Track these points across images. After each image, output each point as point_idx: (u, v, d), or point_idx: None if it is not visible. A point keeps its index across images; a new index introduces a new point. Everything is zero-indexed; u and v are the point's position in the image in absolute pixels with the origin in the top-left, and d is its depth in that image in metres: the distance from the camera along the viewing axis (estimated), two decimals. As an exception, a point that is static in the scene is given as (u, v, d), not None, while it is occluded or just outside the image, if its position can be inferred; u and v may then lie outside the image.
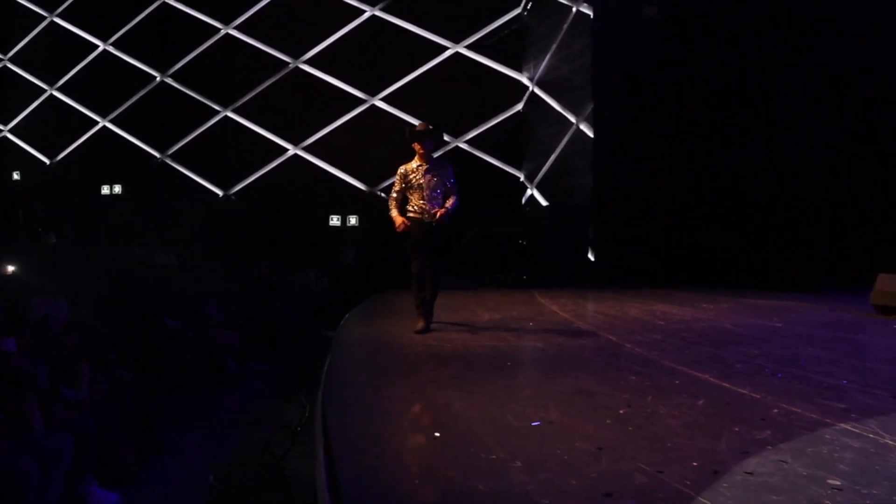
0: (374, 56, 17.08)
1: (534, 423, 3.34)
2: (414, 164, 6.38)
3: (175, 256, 15.60)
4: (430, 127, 6.46)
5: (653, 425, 3.38)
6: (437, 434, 3.12)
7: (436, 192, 6.30)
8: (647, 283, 11.55)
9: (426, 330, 6.23)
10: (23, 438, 4.31)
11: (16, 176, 20.95)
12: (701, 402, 3.84)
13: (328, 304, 13.63)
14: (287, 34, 17.82)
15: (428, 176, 6.31)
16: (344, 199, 17.54)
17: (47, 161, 20.36)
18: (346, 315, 8.80)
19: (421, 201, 6.29)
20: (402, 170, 6.41)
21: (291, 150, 17.83)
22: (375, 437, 3.17)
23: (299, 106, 17.63)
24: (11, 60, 20.92)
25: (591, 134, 13.18)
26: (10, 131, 20.89)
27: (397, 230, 6.35)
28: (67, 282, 9.54)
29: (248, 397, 8.41)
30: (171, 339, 8.16)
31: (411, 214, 6.31)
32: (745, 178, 11.78)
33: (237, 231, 17.36)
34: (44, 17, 20.50)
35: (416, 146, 6.31)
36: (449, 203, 6.30)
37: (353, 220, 17.66)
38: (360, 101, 17.27)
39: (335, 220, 17.68)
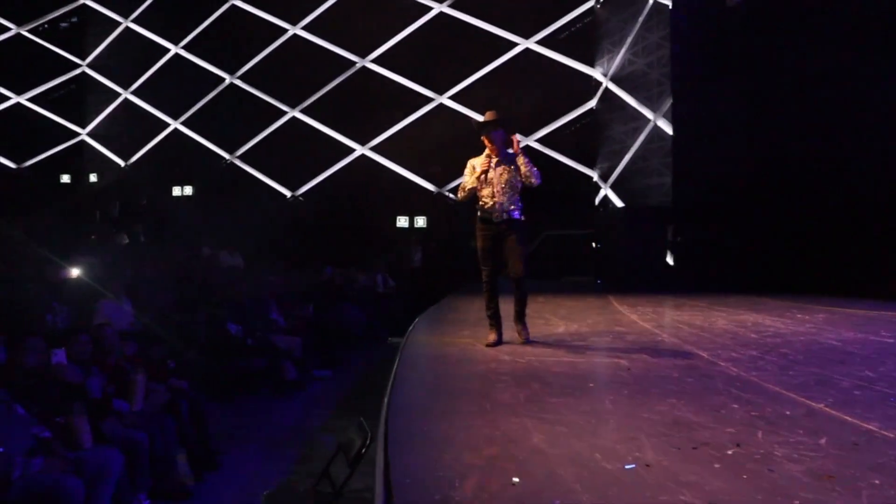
0: (441, 54, 16.72)
1: (627, 466, 2.84)
2: (483, 157, 5.81)
3: (241, 257, 15.57)
4: (498, 116, 5.84)
5: (770, 472, 2.83)
6: (515, 480, 2.66)
7: (508, 187, 5.69)
8: (731, 290, 10.80)
9: (498, 342, 5.72)
10: (69, 455, 4.04)
11: (93, 178, 21.45)
12: (823, 440, 3.26)
13: (395, 307, 13.32)
14: (354, 33, 17.64)
15: (499, 169, 5.72)
16: (411, 199, 17.25)
17: (122, 163, 20.74)
18: (414, 321, 8.42)
19: (491, 199, 5.70)
20: (471, 163, 5.85)
21: (358, 150, 17.63)
22: (442, 475, 2.73)
23: (366, 105, 17.42)
24: (89, 66, 21.40)
25: (669, 131, 12.48)
26: (88, 135, 21.37)
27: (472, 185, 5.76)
28: (134, 283, 9.46)
29: (308, 405, 8.11)
30: (233, 346, 7.93)
31: (480, 214, 5.77)
32: (836, 176, 10.84)
33: (304, 232, 17.27)
34: (119, 23, 20.90)
35: (485, 139, 5.73)
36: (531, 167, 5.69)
37: (420, 222, 17.34)
38: (428, 100, 16.93)
39: (402, 222, 17.40)
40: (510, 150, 5.78)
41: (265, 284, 9.61)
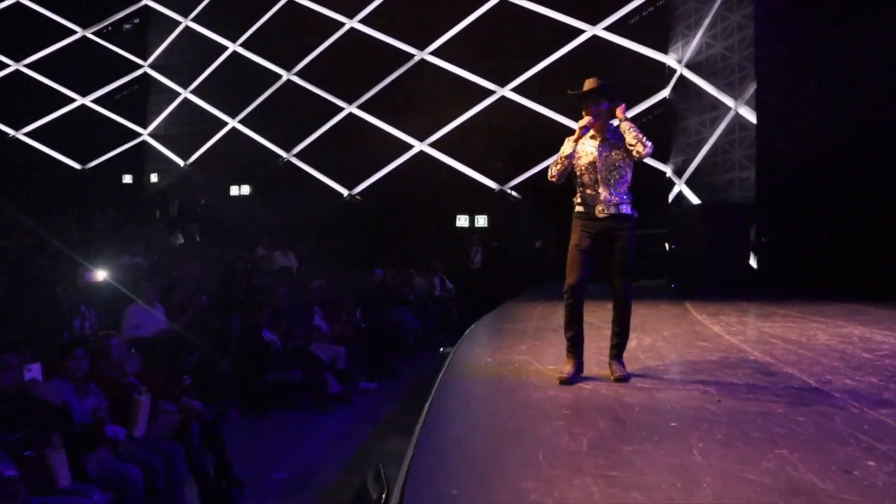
0: (503, 44, 15.82)
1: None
2: (587, 136, 4.58)
3: (295, 257, 15.06)
4: (601, 83, 4.52)
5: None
6: None
7: (617, 173, 4.47)
8: (826, 297, 9.60)
9: (575, 378, 4.41)
10: (32, 501, 3.38)
11: (154, 178, 21.42)
12: None
13: (453, 311, 12.55)
14: (411, 25, 16.93)
15: (604, 151, 4.48)
16: (472, 197, 16.40)
17: (182, 163, 20.60)
18: (466, 331, 7.61)
19: (591, 190, 4.50)
20: (568, 141, 4.60)
21: (417, 146, 16.92)
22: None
23: (425, 100, 16.66)
24: (151, 66, 21.38)
25: (753, 120, 11.30)
26: (149, 135, 21.34)
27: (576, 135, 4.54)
28: (174, 284, 8.95)
29: (349, 423, 7.40)
30: (268, 355, 7.27)
31: (578, 209, 4.55)
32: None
33: (361, 231, 16.68)
34: (179, 23, 20.78)
35: (585, 112, 4.51)
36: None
37: (481, 221, 16.50)
38: (490, 93, 16.09)
39: (462, 221, 16.59)
40: (615, 124, 4.58)
41: (311, 288, 8.92)
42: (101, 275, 7.67)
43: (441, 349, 9.05)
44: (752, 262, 11.31)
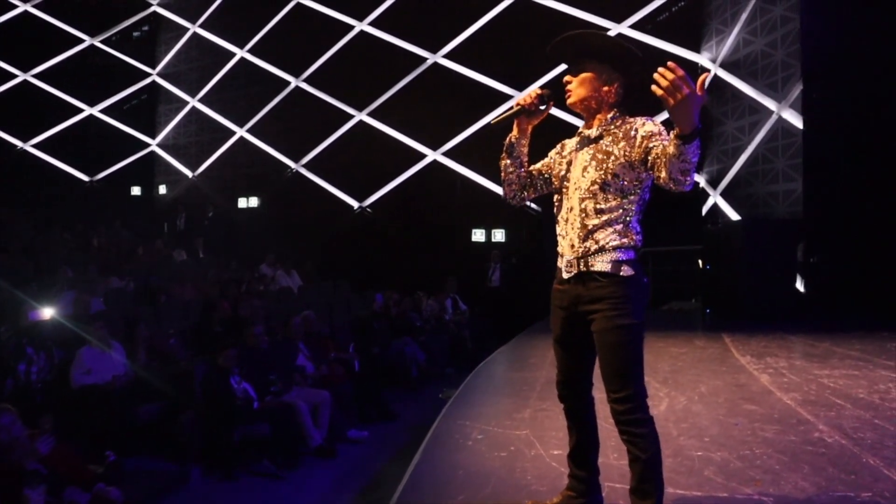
0: (520, 45, 14.67)
1: None
2: (575, 138, 2.89)
3: (298, 276, 14.12)
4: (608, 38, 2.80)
5: None
6: None
7: (597, 199, 2.66)
8: (885, 327, 8.35)
9: None
10: None
11: (162, 190, 20.70)
12: None
13: (466, 337, 11.49)
14: (424, 27, 15.89)
15: (583, 156, 2.75)
16: (489, 210, 15.27)
17: (190, 174, 19.83)
18: (471, 374, 6.56)
19: (560, 231, 2.81)
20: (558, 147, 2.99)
21: (431, 155, 15.87)
22: None
23: (439, 106, 15.60)
24: (159, 75, 20.68)
25: (799, 125, 10.06)
26: (158, 145, 20.62)
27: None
28: (144, 318, 8.02)
29: (334, 482, 6.36)
30: (234, 407, 6.26)
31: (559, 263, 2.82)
32: None
33: (371, 247, 15.69)
34: (188, 29, 20.04)
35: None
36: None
37: (499, 235, 15.36)
38: (507, 97, 14.97)
39: (479, 235, 15.47)
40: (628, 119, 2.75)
41: (294, 325, 7.89)
42: (47, 313, 6.72)
43: (442, 392, 8.00)
44: (799, 286, 10.07)
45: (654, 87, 2.28)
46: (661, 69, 2.27)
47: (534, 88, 2.81)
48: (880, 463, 3.63)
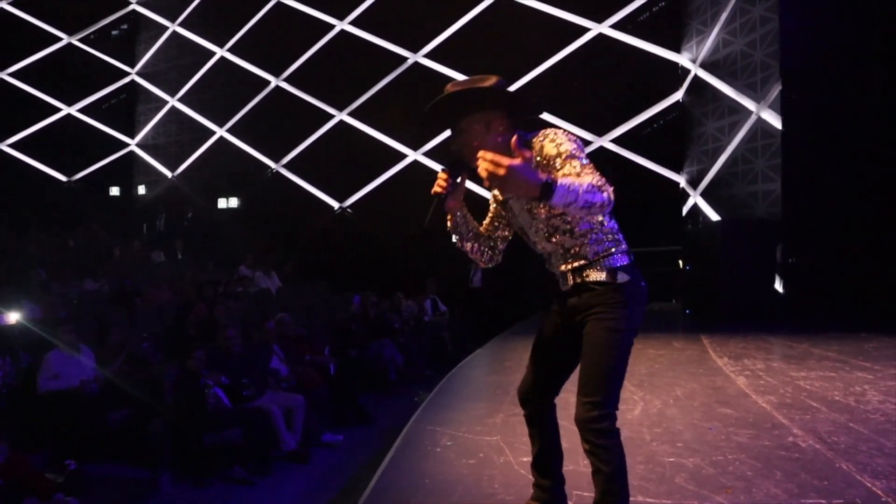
0: (502, 44, 14.63)
1: None
2: None
3: (278, 278, 13.98)
4: (479, 87, 2.54)
5: None
6: None
7: (556, 221, 2.57)
8: (863, 327, 8.36)
9: None
10: None
11: (141, 190, 20.46)
12: None
13: (446, 339, 11.39)
14: (405, 25, 15.80)
15: (523, 203, 2.68)
16: (472, 210, 15.18)
17: (169, 174, 19.61)
18: (445, 378, 6.48)
19: (546, 260, 2.76)
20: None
21: (412, 155, 15.79)
22: None
23: (420, 106, 15.44)
24: (138, 74, 20.44)
25: (778, 125, 10.06)
26: (137, 145, 20.38)
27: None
28: (115, 322, 7.86)
29: (307, 488, 6.25)
30: (205, 412, 6.14)
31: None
32: None
33: (352, 248, 15.58)
34: (167, 28, 19.82)
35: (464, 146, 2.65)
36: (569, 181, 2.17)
37: (480, 236, 15.28)
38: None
39: (460, 236, 15.37)
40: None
41: (268, 328, 7.77)
42: (13, 317, 6.56)
43: (418, 396, 7.90)
44: (778, 286, 10.07)
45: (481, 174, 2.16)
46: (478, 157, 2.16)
47: (439, 172, 2.69)
48: (853, 468, 3.58)
